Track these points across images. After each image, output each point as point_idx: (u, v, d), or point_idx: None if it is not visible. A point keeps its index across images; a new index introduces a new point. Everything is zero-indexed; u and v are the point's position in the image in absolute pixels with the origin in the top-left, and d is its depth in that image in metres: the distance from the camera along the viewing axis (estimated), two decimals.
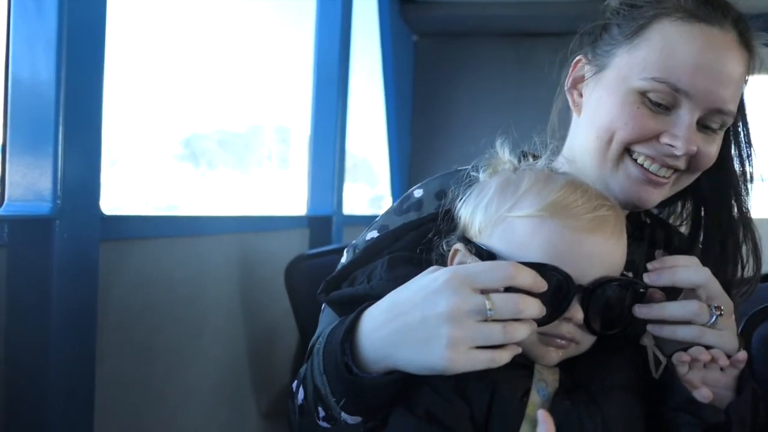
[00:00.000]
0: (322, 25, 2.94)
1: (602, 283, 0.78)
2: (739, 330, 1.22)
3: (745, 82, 0.97)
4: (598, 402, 0.78)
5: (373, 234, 1.01)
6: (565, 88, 1.03)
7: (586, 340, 0.81)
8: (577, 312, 0.77)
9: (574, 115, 1.02)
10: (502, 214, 0.81)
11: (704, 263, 0.90)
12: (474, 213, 0.85)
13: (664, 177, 0.93)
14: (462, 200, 0.89)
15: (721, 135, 0.95)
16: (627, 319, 0.82)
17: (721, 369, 0.84)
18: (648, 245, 1.04)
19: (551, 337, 0.78)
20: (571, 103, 1.02)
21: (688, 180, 0.97)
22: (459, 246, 0.85)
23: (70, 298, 1.35)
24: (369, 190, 5.23)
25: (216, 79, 3.04)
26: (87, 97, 1.38)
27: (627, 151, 0.92)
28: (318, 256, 2.15)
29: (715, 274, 0.91)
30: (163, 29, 2.56)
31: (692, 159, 0.93)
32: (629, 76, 0.91)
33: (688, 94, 0.88)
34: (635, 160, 0.92)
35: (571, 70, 1.02)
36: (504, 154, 0.91)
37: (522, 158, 0.93)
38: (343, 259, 1.04)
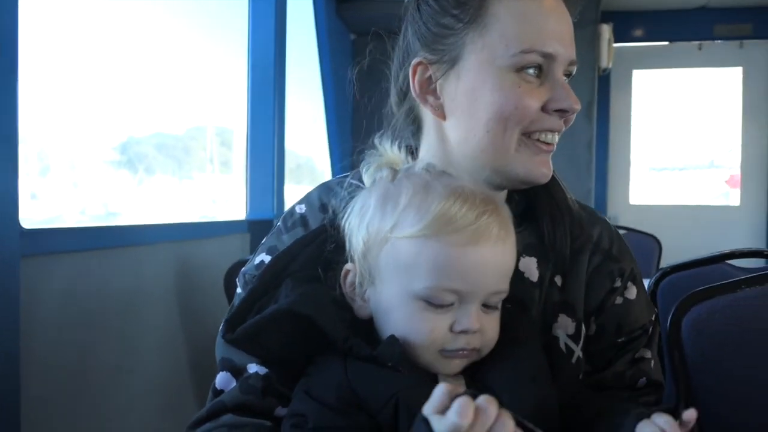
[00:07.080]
0: (256, 25, 2.90)
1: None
2: (670, 316, 1.25)
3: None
4: (507, 401, 0.78)
5: (263, 257, 0.96)
6: (414, 95, 0.95)
7: (487, 346, 0.80)
8: (474, 323, 0.77)
9: (432, 121, 0.96)
10: (385, 234, 0.80)
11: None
12: (358, 230, 0.83)
13: (554, 143, 0.92)
14: (346, 215, 0.86)
15: None
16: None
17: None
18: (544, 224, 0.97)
19: (453, 352, 0.78)
20: (429, 110, 0.95)
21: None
22: (350, 266, 0.84)
23: None
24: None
25: (151, 81, 2.95)
26: None
27: (523, 134, 0.90)
28: None
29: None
30: (94, 31, 2.47)
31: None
32: (494, 58, 0.88)
33: (553, 55, 0.88)
34: (530, 137, 0.90)
35: (411, 76, 0.94)
36: (385, 149, 0.88)
37: (408, 153, 0.91)
38: (239, 290, 0.98)
